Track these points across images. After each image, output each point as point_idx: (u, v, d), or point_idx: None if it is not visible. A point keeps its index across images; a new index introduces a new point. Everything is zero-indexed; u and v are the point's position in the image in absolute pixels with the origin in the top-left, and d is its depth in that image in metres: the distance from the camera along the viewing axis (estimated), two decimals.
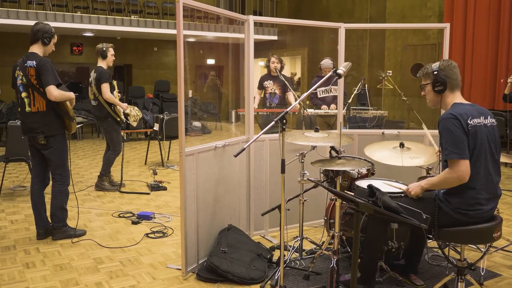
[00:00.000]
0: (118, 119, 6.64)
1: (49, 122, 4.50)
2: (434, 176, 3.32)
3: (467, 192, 3.11)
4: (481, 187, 3.12)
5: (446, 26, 5.12)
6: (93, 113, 6.79)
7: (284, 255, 3.69)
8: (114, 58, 6.83)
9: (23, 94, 4.50)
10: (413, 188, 3.31)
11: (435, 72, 3.30)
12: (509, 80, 7.29)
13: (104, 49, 6.64)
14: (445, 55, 5.08)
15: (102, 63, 6.63)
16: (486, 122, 3.17)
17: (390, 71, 12.33)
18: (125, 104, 6.74)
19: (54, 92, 4.38)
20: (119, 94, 6.99)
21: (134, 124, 11.98)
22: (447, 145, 3.06)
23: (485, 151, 3.12)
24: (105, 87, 6.42)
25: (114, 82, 7.09)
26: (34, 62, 4.42)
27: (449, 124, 3.08)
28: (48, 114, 4.49)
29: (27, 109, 4.50)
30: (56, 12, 12.75)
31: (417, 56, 12.28)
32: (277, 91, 7.30)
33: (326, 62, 7.31)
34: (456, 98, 3.28)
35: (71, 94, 4.58)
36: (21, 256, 4.29)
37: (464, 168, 3.02)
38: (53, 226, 4.72)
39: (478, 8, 10.48)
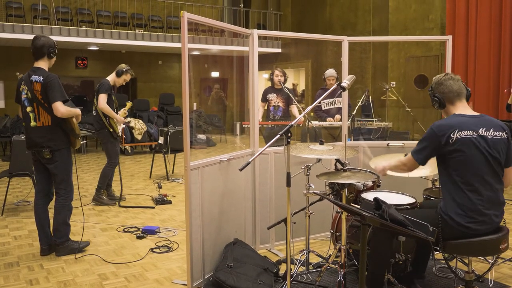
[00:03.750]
0: (111, 130, 6.57)
1: (54, 136, 4.50)
2: (438, 187, 3.35)
3: (465, 204, 3.12)
4: (480, 197, 3.12)
5: (448, 38, 5.12)
6: (92, 124, 6.72)
7: (291, 269, 3.66)
8: (124, 84, 6.89)
9: (28, 109, 4.50)
10: (377, 167, 3.63)
11: (429, 92, 3.46)
12: None
13: (124, 70, 6.70)
14: (448, 66, 5.08)
15: (111, 78, 6.67)
16: (486, 135, 3.15)
17: (394, 83, 12.31)
18: (121, 118, 6.69)
19: (61, 108, 4.38)
20: (126, 113, 6.99)
21: (139, 137, 12.05)
22: (418, 144, 3.31)
23: (476, 162, 3.13)
24: (102, 97, 6.44)
25: (129, 104, 7.11)
26: (41, 78, 4.42)
27: (429, 131, 3.25)
28: (53, 129, 4.49)
29: (32, 123, 4.49)
30: (61, 27, 12.84)
31: (420, 67, 12.29)
32: (280, 104, 7.29)
33: (330, 71, 7.35)
34: (457, 109, 3.32)
35: (78, 111, 4.57)
36: (25, 273, 4.26)
37: (411, 165, 3.35)
38: (56, 241, 4.68)
39: (479, 19, 10.50)
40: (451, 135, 3.12)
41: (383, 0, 13.04)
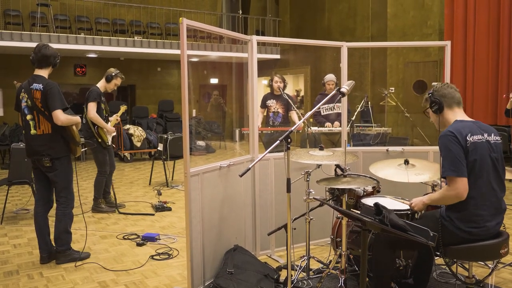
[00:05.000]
0: (100, 140, 6.49)
1: (54, 144, 4.49)
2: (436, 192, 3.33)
3: (469, 209, 3.11)
4: (485, 203, 3.12)
5: (447, 44, 5.14)
6: (82, 131, 6.59)
7: (291, 275, 3.65)
8: (115, 88, 6.82)
9: (28, 117, 4.49)
10: (416, 204, 3.37)
11: (429, 95, 3.40)
12: (511, 95, 7.29)
13: (113, 74, 6.64)
14: (447, 72, 5.09)
15: (101, 84, 6.62)
16: (490, 139, 3.18)
17: (393, 88, 12.36)
18: (111, 128, 6.62)
19: (60, 116, 4.37)
20: (118, 119, 6.95)
21: (138, 144, 12.04)
22: (445, 162, 3.11)
23: (487, 167, 3.13)
24: (91, 105, 6.40)
25: (123, 108, 7.09)
26: (41, 86, 4.41)
27: (446, 141, 3.12)
28: (53, 137, 4.48)
29: (32, 131, 4.49)
30: (60, 34, 12.85)
31: (419, 73, 12.31)
32: (280, 110, 7.30)
33: (330, 76, 7.37)
34: (456, 115, 3.32)
35: (78, 119, 4.57)
36: (24, 281, 4.24)
37: (461, 185, 3.05)
38: (57, 249, 4.68)
39: (477, 25, 10.54)
40: (467, 138, 3.11)
41: (382, 6, 13.08)
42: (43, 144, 4.48)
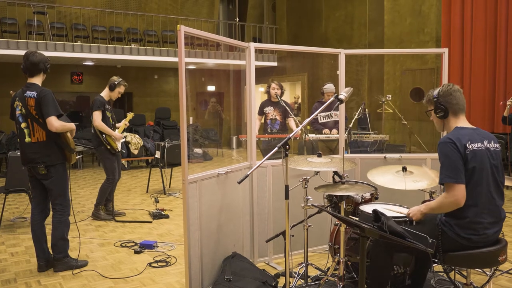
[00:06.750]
0: (109, 147, 6.55)
1: (49, 152, 4.48)
2: (434, 199, 3.32)
3: (469, 216, 3.11)
4: (484, 211, 3.12)
5: (445, 51, 5.15)
6: (91, 141, 6.63)
7: (290, 282, 3.64)
8: (119, 96, 6.87)
9: (23, 125, 4.48)
10: (414, 213, 3.35)
11: (435, 99, 3.34)
12: (508, 103, 7.33)
13: (117, 83, 6.68)
14: (444, 79, 5.10)
15: (105, 93, 6.66)
16: (489, 146, 3.18)
17: (390, 95, 12.37)
18: (118, 134, 6.67)
19: (55, 123, 4.36)
20: (127, 124, 6.98)
21: (135, 152, 12.02)
22: (443, 169, 3.10)
23: (486, 175, 3.13)
24: (96, 114, 6.45)
25: (130, 115, 7.15)
26: (35, 93, 4.41)
27: (445, 148, 3.12)
28: (48, 144, 4.47)
29: (27, 139, 4.48)
30: (56, 42, 12.84)
31: (416, 80, 12.34)
32: (278, 117, 7.30)
33: (330, 86, 7.36)
34: (459, 122, 3.31)
35: (72, 125, 4.56)
36: None
37: (459, 192, 3.04)
38: (54, 257, 4.65)
39: (474, 32, 10.58)
40: (467, 145, 3.11)
41: (379, 13, 13.13)
42: (38, 151, 4.47)
